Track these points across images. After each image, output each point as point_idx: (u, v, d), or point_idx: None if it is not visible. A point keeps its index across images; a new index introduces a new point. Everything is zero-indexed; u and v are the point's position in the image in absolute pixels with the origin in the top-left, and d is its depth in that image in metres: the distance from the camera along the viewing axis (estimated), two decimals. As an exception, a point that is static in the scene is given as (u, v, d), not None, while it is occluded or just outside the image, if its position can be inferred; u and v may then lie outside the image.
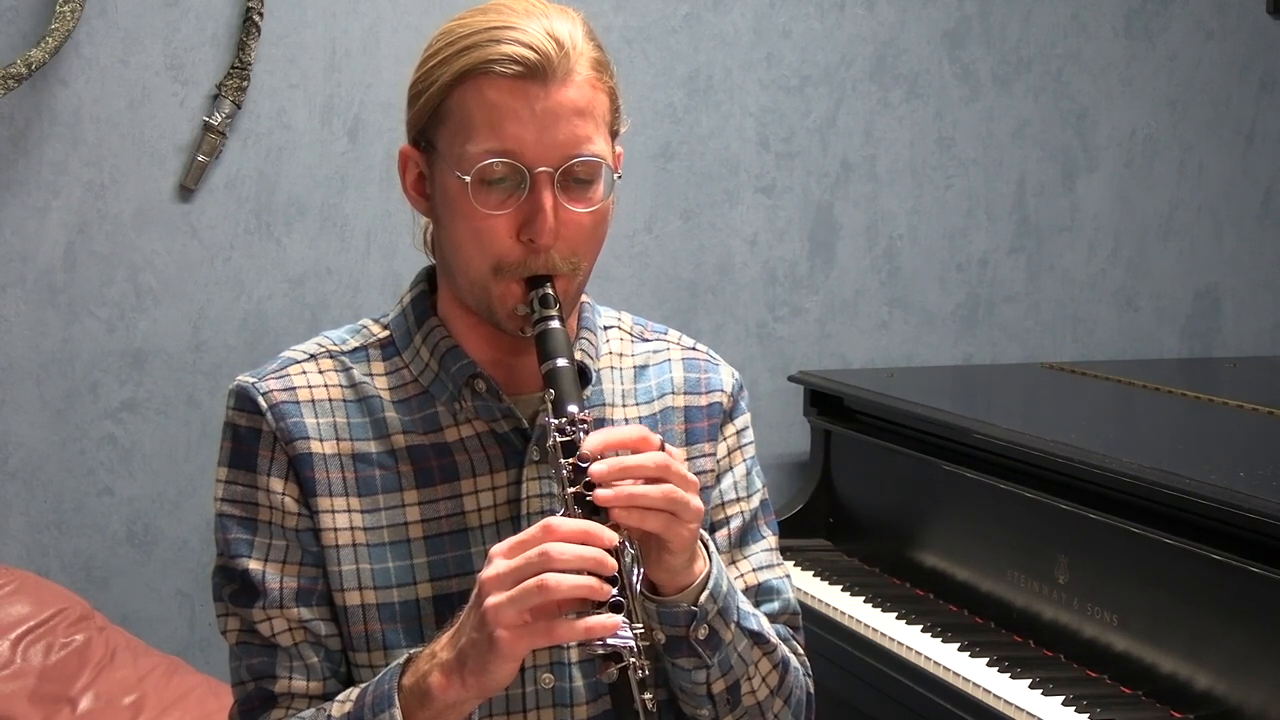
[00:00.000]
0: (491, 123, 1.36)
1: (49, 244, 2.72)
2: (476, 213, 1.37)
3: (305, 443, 1.44)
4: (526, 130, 1.36)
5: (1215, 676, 2.01)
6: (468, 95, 1.37)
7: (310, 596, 1.44)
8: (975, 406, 2.94)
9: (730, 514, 1.56)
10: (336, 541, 1.43)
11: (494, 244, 1.38)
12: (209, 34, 2.76)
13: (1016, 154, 3.37)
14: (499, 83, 1.36)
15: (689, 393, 1.56)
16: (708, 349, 1.62)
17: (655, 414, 1.53)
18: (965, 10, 3.28)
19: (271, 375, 1.47)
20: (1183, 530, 2.06)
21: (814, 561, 2.74)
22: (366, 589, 1.43)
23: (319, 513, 1.43)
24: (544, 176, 1.36)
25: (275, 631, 1.43)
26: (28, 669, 2.46)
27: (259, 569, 1.43)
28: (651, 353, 1.57)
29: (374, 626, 1.43)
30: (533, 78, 1.36)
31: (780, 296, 3.22)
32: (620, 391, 1.53)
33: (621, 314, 1.60)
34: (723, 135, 3.13)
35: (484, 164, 1.36)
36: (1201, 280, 3.56)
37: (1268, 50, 3.52)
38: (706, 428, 1.56)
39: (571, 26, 1.39)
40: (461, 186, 1.37)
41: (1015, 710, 2.09)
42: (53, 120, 2.70)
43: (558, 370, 1.38)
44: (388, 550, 1.44)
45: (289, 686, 1.43)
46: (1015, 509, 2.36)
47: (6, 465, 2.74)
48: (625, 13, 3.03)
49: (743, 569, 1.56)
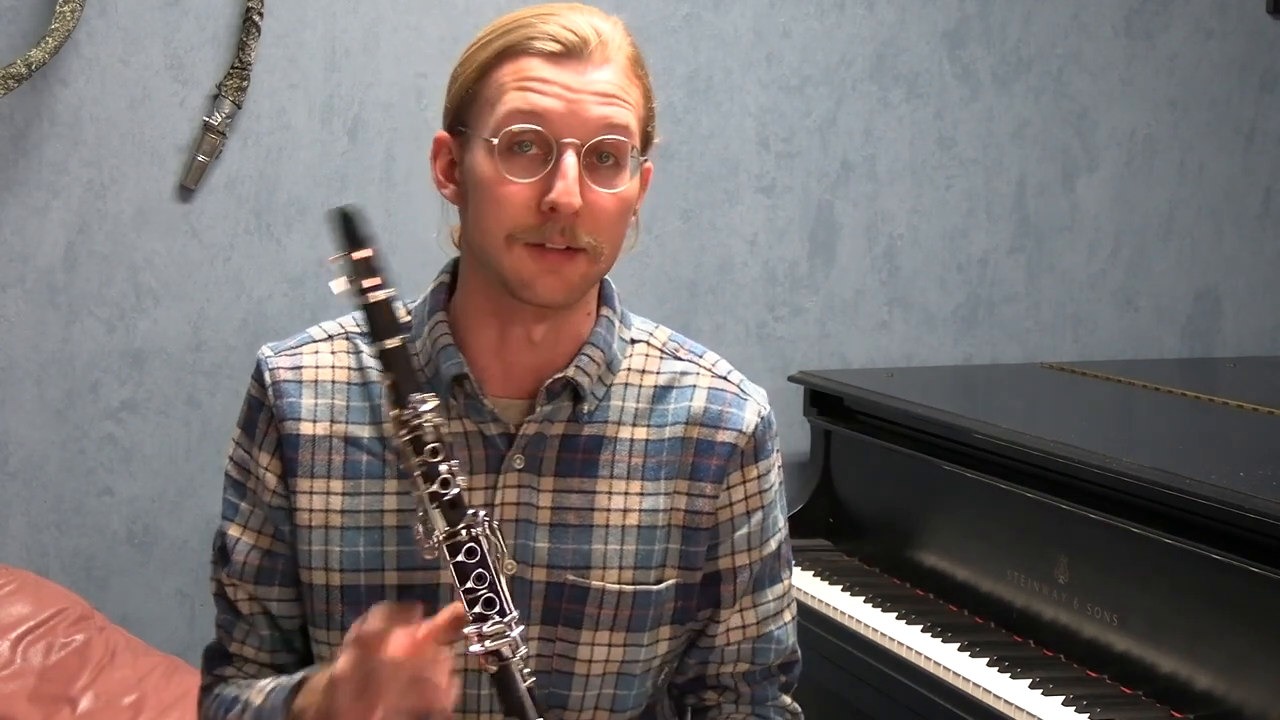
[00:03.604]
0: (524, 92, 1.36)
1: (49, 244, 2.72)
2: (500, 179, 1.36)
3: (296, 424, 1.46)
4: (558, 101, 1.36)
5: (1215, 676, 2.01)
6: (504, 70, 1.38)
7: (272, 576, 1.49)
8: (975, 406, 2.94)
9: (739, 565, 1.52)
10: (310, 522, 1.46)
11: (513, 211, 1.36)
12: (209, 34, 2.76)
13: (1016, 154, 3.37)
14: (536, 58, 1.37)
15: (705, 425, 1.50)
16: (741, 380, 1.54)
17: (664, 440, 1.49)
18: (965, 10, 3.28)
19: (286, 351, 1.50)
20: (1183, 530, 2.06)
21: (814, 561, 2.74)
22: (333, 570, 1.46)
23: (296, 493, 1.46)
24: (571, 148, 1.35)
25: (237, 598, 1.51)
26: (28, 669, 2.46)
27: (236, 536, 1.50)
28: (679, 374, 1.52)
29: (335, 608, 1.46)
30: (570, 56, 1.37)
31: (780, 296, 3.22)
32: (633, 411, 1.49)
33: (659, 328, 1.56)
34: (723, 135, 3.13)
35: (511, 128, 1.35)
36: (1201, 280, 3.56)
37: (1268, 50, 3.52)
38: (714, 467, 1.50)
39: (612, 26, 1.42)
40: (488, 153, 1.37)
41: (1015, 710, 2.10)
42: (53, 120, 2.70)
43: (395, 351, 1.34)
44: (361, 535, 1.45)
45: (241, 650, 1.52)
46: (1015, 509, 2.36)
47: (6, 465, 2.74)
48: (625, 13, 2.99)
49: (748, 619, 1.54)
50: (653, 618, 1.48)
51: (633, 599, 1.47)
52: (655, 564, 1.48)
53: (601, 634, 1.46)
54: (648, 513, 1.47)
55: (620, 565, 1.46)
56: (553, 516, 1.46)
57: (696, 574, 1.50)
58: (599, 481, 1.47)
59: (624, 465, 1.47)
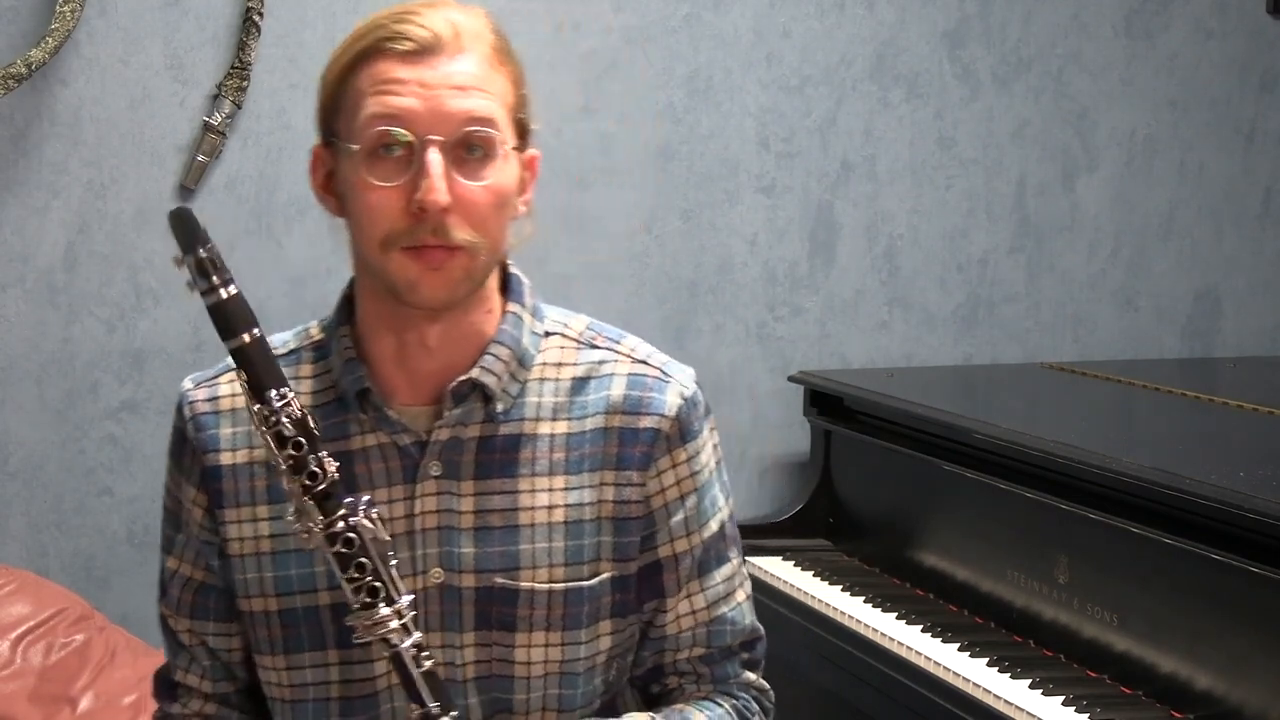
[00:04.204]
0: (382, 93, 1.34)
1: (49, 244, 2.72)
2: (369, 185, 1.34)
3: (216, 455, 1.46)
4: (417, 100, 1.33)
5: (1215, 676, 2.01)
6: (362, 75, 1.36)
7: (207, 612, 1.49)
8: (975, 406, 2.94)
9: (679, 551, 1.49)
10: (241, 551, 1.45)
11: (384, 216, 1.34)
12: (209, 34, 2.76)
13: (1016, 154, 3.37)
14: (392, 59, 1.34)
15: (626, 412, 1.45)
16: (664, 362, 1.50)
17: (585, 432, 1.45)
18: (965, 10, 3.28)
19: (205, 383, 1.51)
20: (1183, 530, 2.06)
21: (814, 561, 2.74)
22: (269, 596, 1.45)
23: (225, 524, 1.46)
24: (435, 144, 1.33)
25: (178, 629, 1.52)
26: (28, 669, 2.46)
27: (173, 568, 1.52)
28: (596, 363, 1.48)
29: (276, 632, 1.45)
30: (425, 53, 1.34)
31: (780, 296, 3.22)
32: (550, 405, 1.45)
33: (576, 317, 1.52)
34: (723, 135, 3.13)
35: (374, 132, 1.33)
36: (1201, 280, 3.56)
37: (1268, 50, 3.52)
38: (638, 455, 1.45)
39: (474, 18, 1.38)
40: (355, 161, 1.35)
41: (1015, 710, 2.09)
42: (53, 120, 2.70)
43: (243, 349, 1.34)
44: (291, 557, 1.44)
45: (186, 679, 1.52)
46: (1015, 509, 2.36)
47: (6, 465, 2.74)
48: (625, 13, 3.03)
49: (697, 604, 1.51)
50: (589, 614, 1.45)
51: (564, 597, 1.44)
52: (587, 559, 1.45)
53: (537, 635, 1.44)
54: (574, 507, 1.44)
55: (550, 563, 1.43)
56: (476, 520, 1.43)
57: (631, 565, 1.47)
58: (520, 480, 1.43)
59: (545, 461, 1.44)
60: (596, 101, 3.02)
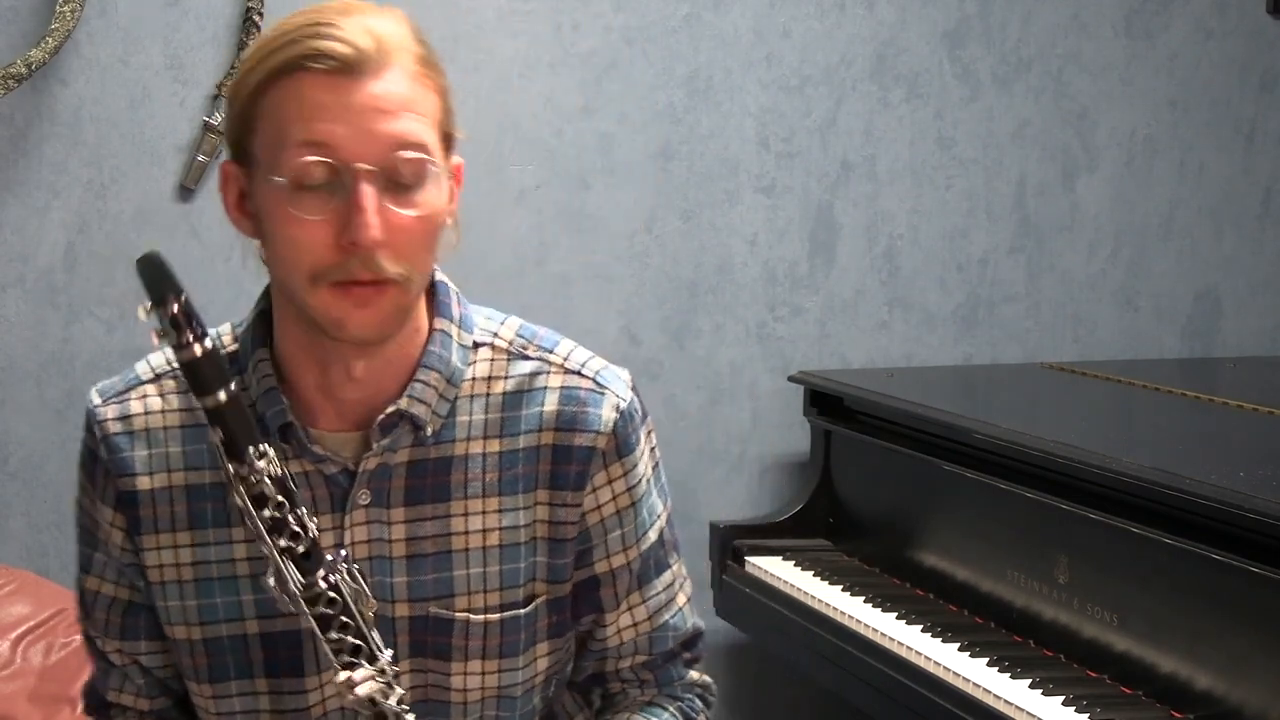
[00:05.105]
0: (305, 121, 1.25)
1: (49, 244, 2.72)
2: (294, 219, 1.26)
3: (132, 479, 1.39)
4: (343, 126, 1.24)
5: (1215, 676, 2.01)
6: (280, 96, 1.26)
7: (137, 631, 1.44)
8: (975, 406, 2.93)
9: (617, 566, 1.45)
10: (163, 578, 1.40)
11: (312, 252, 1.26)
12: (209, 34, 2.76)
13: (1016, 154, 3.36)
14: (312, 79, 1.25)
15: (560, 429, 1.39)
16: (598, 371, 1.43)
17: (518, 450, 1.39)
18: (965, 10, 3.28)
19: (114, 399, 1.41)
20: (1183, 530, 2.06)
21: (814, 561, 2.74)
22: (193, 624, 1.40)
23: (144, 550, 1.40)
24: (364, 173, 1.25)
25: (107, 650, 1.45)
26: (28, 669, 2.46)
27: (94, 589, 1.44)
28: (529, 376, 1.41)
29: (201, 660, 1.41)
30: (348, 72, 1.25)
31: (780, 296, 3.22)
32: (481, 423, 1.39)
33: (506, 322, 1.45)
34: (723, 135, 3.13)
35: (298, 163, 1.25)
36: (1201, 280, 3.56)
37: (1268, 50, 3.52)
38: (574, 474, 1.40)
39: (394, 24, 1.29)
40: (278, 193, 1.26)
41: (1015, 710, 2.09)
42: (53, 120, 2.70)
43: (219, 409, 1.26)
44: (216, 586, 1.39)
45: (119, 699, 1.47)
46: (1015, 509, 2.36)
47: (6, 465, 2.74)
48: (625, 13, 3.03)
49: (638, 616, 1.49)
50: (525, 641, 1.43)
51: (500, 626, 1.41)
52: (523, 580, 1.41)
53: (473, 663, 1.41)
54: (508, 530, 1.40)
55: (485, 589, 1.40)
56: (408, 548, 1.38)
57: (565, 586, 1.43)
58: (453, 504, 1.38)
59: (478, 483, 1.38)
60: (596, 101, 3.02)
